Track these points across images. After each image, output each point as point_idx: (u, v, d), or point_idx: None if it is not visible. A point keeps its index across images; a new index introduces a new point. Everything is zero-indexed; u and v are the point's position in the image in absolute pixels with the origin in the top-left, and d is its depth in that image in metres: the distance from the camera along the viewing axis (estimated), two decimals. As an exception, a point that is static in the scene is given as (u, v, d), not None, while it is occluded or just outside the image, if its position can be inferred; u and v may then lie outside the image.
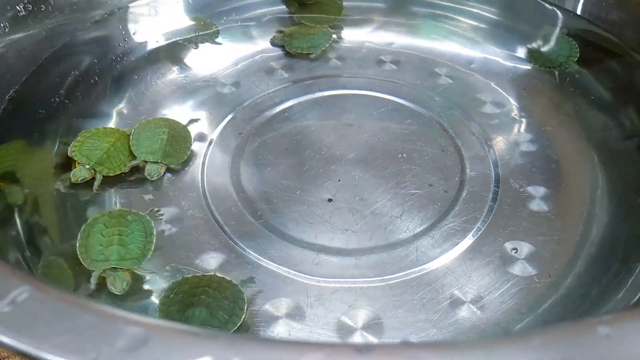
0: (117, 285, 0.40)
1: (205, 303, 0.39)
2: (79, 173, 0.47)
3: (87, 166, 0.48)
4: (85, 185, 0.48)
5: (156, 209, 0.47)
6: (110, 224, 0.43)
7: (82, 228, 0.43)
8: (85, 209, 0.47)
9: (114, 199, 0.48)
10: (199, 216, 0.47)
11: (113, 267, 0.41)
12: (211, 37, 0.65)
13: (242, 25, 0.67)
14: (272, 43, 0.65)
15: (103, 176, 0.48)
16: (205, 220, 0.47)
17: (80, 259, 0.41)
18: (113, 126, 0.54)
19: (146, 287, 0.42)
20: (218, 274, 0.42)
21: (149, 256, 0.43)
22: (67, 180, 0.48)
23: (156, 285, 0.42)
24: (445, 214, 0.48)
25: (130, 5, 0.65)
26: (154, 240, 0.43)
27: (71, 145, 0.49)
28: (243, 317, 0.39)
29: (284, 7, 0.69)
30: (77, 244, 0.42)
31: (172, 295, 0.40)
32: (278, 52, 0.65)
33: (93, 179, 0.48)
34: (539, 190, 0.50)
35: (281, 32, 0.65)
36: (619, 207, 0.48)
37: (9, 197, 0.46)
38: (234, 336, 0.28)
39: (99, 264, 0.41)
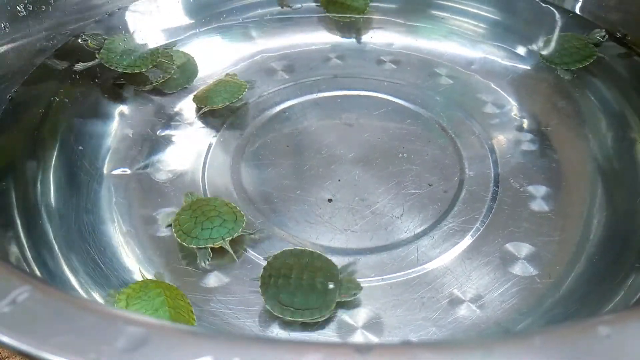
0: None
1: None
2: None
3: None
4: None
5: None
6: None
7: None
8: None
9: (114, 199, 0.49)
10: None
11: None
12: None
13: (242, 25, 0.67)
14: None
15: None
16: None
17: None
18: (114, 126, 0.54)
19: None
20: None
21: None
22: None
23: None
24: (445, 214, 0.48)
25: (130, 5, 0.65)
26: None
27: None
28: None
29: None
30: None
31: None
32: (278, 52, 0.64)
33: None
34: (539, 190, 0.50)
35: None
36: (619, 207, 0.48)
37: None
38: (234, 336, 0.28)
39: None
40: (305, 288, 0.40)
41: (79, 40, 0.57)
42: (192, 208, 0.46)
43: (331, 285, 0.40)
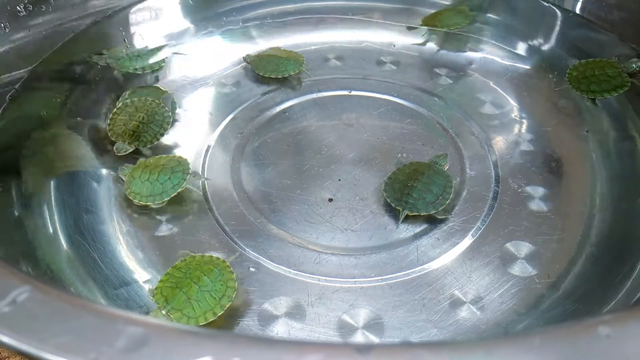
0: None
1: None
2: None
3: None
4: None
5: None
6: None
7: None
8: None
9: (114, 199, 0.49)
10: (199, 216, 0.47)
11: None
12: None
13: (242, 25, 0.67)
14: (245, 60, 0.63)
15: None
16: (206, 220, 0.47)
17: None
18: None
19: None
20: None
21: None
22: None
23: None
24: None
25: (130, 5, 0.65)
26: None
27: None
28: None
29: (284, 7, 0.69)
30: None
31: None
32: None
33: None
34: (538, 190, 0.50)
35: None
36: (619, 207, 0.48)
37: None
38: (234, 336, 0.28)
39: None
40: (423, 191, 0.47)
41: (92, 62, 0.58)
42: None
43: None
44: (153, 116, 0.53)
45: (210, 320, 0.39)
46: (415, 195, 0.47)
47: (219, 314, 0.39)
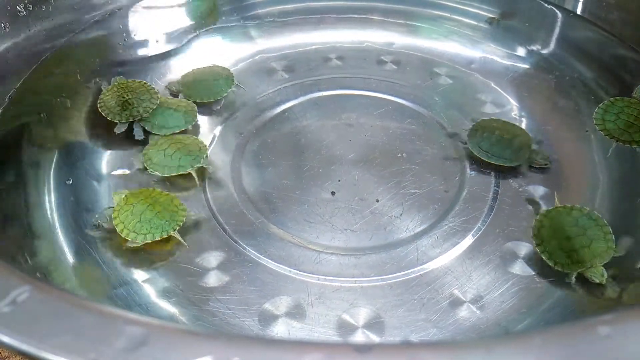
0: None
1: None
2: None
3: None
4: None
5: None
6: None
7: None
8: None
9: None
10: (199, 215, 0.47)
11: None
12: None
13: (242, 25, 0.67)
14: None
15: None
16: (206, 219, 0.47)
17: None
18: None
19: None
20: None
21: None
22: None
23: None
24: (445, 213, 0.48)
25: (130, 5, 0.65)
26: None
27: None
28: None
29: (284, 6, 0.69)
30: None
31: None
32: (278, 52, 0.65)
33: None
34: (538, 190, 0.50)
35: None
36: (619, 207, 0.48)
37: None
38: (234, 336, 0.28)
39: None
40: (504, 143, 0.51)
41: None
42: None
43: (524, 148, 0.51)
44: (142, 91, 0.54)
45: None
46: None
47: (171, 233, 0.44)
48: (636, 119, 0.52)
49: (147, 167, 0.49)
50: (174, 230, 0.44)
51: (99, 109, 0.53)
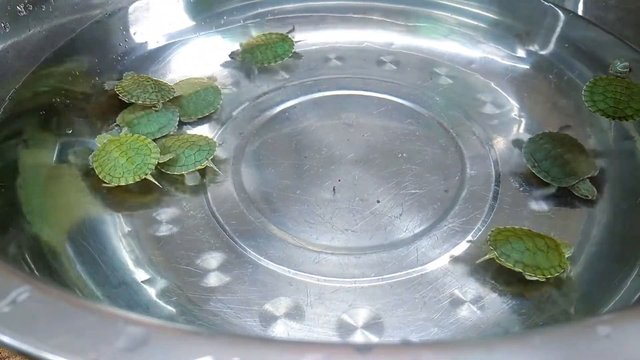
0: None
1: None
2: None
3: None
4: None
5: None
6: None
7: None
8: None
9: (114, 199, 0.49)
10: (199, 216, 0.47)
11: None
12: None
13: (242, 25, 0.67)
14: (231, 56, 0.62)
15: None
16: (206, 220, 0.47)
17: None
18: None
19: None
20: None
21: None
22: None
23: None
24: (445, 213, 0.48)
25: (130, 5, 0.65)
26: None
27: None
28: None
29: (284, 6, 0.69)
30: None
31: None
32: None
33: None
34: (539, 190, 0.50)
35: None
36: (619, 207, 0.48)
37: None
38: (234, 336, 0.28)
39: None
40: (559, 162, 0.49)
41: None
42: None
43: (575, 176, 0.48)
44: (159, 82, 0.56)
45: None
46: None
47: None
48: (621, 95, 0.53)
49: (165, 170, 0.50)
50: (146, 174, 0.47)
51: (116, 90, 0.54)
